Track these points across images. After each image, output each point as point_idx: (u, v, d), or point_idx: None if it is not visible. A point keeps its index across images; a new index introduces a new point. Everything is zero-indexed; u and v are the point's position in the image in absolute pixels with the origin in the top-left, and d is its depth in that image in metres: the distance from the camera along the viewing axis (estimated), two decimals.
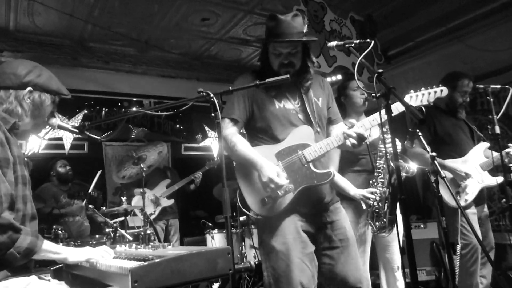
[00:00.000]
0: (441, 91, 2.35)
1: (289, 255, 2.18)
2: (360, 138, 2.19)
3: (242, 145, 2.29)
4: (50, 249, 1.72)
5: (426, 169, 3.10)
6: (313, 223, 2.30)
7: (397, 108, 2.18)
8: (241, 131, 2.39)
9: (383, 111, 1.83)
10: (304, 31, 2.32)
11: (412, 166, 2.91)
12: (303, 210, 2.27)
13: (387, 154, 2.77)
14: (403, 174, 2.83)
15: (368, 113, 2.79)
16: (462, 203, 3.24)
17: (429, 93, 2.33)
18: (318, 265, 2.28)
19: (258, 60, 2.50)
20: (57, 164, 5.01)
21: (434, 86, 2.36)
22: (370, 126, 2.26)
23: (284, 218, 2.24)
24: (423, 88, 2.35)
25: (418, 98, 2.32)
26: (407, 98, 2.32)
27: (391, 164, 2.61)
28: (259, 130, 2.37)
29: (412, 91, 2.35)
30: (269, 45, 2.35)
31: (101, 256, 1.78)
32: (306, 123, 2.34)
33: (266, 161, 2.20)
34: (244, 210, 2.30)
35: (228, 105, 2.38)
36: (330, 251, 2.29)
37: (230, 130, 2.33)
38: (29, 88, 1.84)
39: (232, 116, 2.34)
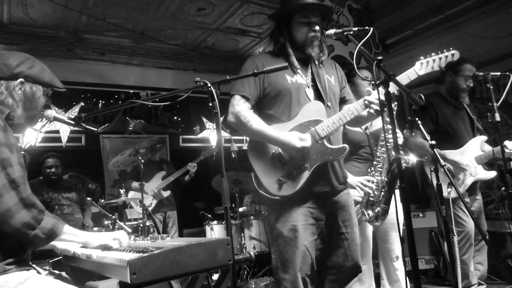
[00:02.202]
0: (452, 55, 2.25)
1: (296, 242, 2.22)
2: (382, 104, 2.15)
3: (257, 121, 2.25)
4: (71, 232, 1.75)
5: (425, 158, 3.10)
6: (324, 210, 2.31)
7: (393, 86, 2.14)
8: (253, 109, 2.34)
9: (382, 96, 1.79)
10: None
11: (412, 158, 2.89)
12: (318, 189, 2.28)
13: (388, 144, 2.75)
14: (403, 165, 2.82)
15: None
16: (454, 195, 3.25)
17: (440, 58, 2.23)
18: (321, 249, 2.32)
19: (275, 36, 2.44)
20: (44, 162, 4.81)
21: (444, 50, 2.26)
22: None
23: (297, 201, 2.25)
24: (433, 54, 2.25)
25: (429, 64, 2.23)
26: (417, 66, 2.24)
27: (392, 153, 2.59)
28: (272, 107, 2.34)
29: (422, 57, 2.25)
30: (297, 15, 2.33)
31: (117, 244, 1.81)
32: (317, 98, 2.33)
33: (286, 134, 2.19)
34: (262, 192, 2.27)
35: (238, 82, 2.33)
36: (335, 236, 2.34)
37: (242, 106, 2.28)
38: (20, 79, 1.81)
39: (243, 93, 2.30)
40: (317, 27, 2.32)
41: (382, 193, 2.74)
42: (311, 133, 2.25)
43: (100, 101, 6.30)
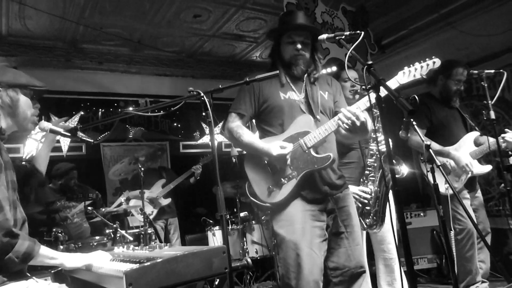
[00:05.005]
0: (434, 63, 2.32)
1: (298, 244, 2.24)
2: (357, 118, 2.17)
3: (248, 135, 2.43)
4: (47, 255, 1.74)
5: (421, 158, 3.10)
6: (323, 211, 2.36)
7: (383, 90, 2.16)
8: (247, 124, 2.52)
9: (373, 100, 1.81)
10: None
11: (403, 169, 2.92)
12: (310, 196, 2.34)
13: (378, 153, 2.77)
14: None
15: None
16: (451, 191, 3.27)
17: (422, 67, 2.30)
18: (324, 251, 2.34)
19: (268, 55, 2.66)
20: (69, 173, 4.84)
21: (426, 59, 2.34)
22: (365, 107, 2.28)
23: (291, 206, 2.31)
24: (416, 63, 2.32)
25: (411, 73, 2.30)
26: (399, 75, 2.31)
27: (383, 164, 2.62)
28: (267, 123, 2.49)
29: (406, 67, 2.32)
30: (284, 35, 2.50)
31: (98, 261, 1.79)
32: (308, 113, 2.43)
33: (268, 144, 2.33)
34: (255, 200, 2.40)
35: (235, 100, 2.54)
36: (335, 236, 2.38)
37: (236, 123, 2.47)
38: None
39: (238, 111, 2.48)
40: (299, 46, 2.44)
41: (377, 202, 2.77)
42: (299, 143, 2.34)
43: (100, 109, 6.34)
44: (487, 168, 3.54)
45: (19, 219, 1.79)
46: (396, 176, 2.82)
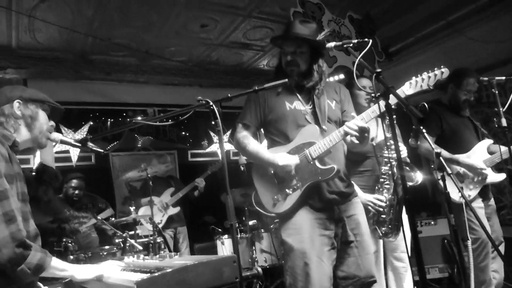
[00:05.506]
0: (442, 73, 2.28)
1: (306, 253, 2.23)
2: (362, 131, 2.20)
3: (253, 145, 2.46)
4: (57, 266, 1.74)
5: (432, 166, 3.08)
6: (331, 219, 2.34)
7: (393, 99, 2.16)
8: (255, 134, 2.56)
9: (383, 107, 1.81)
10: (318, 38, 2.45)
11: (418, 176, 2.89)
12: (316, 205, 2.34)
13: (392, 161, 2.75)
14: (408, 183, 2.80)
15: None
16: (468, 198, 3.22)
17: (429, 77, 2.28)
18: (334, 259, 2.33)
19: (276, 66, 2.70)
20: (69, 182, 4.87)
21: (435, 68, 2.30)
22: (370, 119, 2.28)
23: (299, 215, 2.31)
24: (424, 73, 2.30)
25: (418, 83, 2.28)
26: (406, 86, 2.30)
27: (396, 172, 2.60)
28: (273, 132, 2.51)
29: (413, 77, 2.30)
30: (281, 48, 2.54)
31: (108, 272, 1.80)
32: (314, 123, 2.43)
33: (273, 154, 2.36)
34: (258, 209, 2.42)
35: (242, 111, 2.58)
36: (345, 245, 2.36)
37: (242, 133, 2.51)
38: (17, 101, 1.90)
39: (244, 122, 2.53)
40: (289, 57, 2.45)
41: (392, 211, 2.75)
42: (304, 154, 2.34)
43: (109, 119, 6.38)
44: (502, 176, 3.47)
45: (31, 231, 1.80)
46: (411, 183, 2.85)
